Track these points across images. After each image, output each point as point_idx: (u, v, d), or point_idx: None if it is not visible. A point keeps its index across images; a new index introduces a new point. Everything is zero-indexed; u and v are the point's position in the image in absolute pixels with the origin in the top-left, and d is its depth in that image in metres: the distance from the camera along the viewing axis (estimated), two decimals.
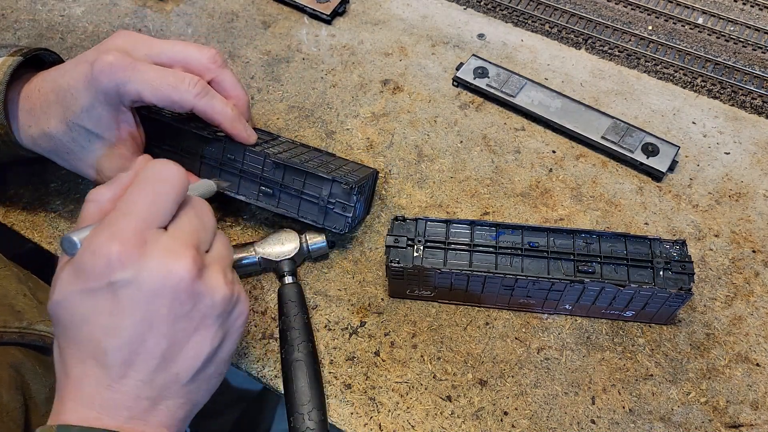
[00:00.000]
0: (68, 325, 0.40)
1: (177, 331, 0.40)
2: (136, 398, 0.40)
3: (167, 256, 0.39)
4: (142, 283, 0.38)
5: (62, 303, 0.39)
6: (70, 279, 0.39)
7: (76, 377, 0.39)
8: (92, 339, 0.39)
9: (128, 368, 0.39)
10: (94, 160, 0.54)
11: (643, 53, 0.76)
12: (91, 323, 0.39)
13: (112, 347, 0.39)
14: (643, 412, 0.53)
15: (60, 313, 0.40)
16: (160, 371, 0.40)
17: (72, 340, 0.40)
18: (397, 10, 0.81)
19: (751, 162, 0.68)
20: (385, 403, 0.54)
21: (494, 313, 0.58)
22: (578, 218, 0.64)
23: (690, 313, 0.58)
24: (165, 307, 0.39)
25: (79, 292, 0.39)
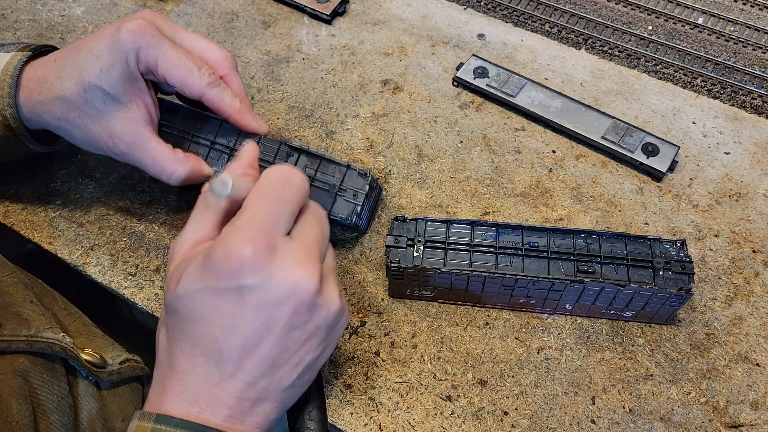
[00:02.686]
0: (186, 319, 0.40)
1: (290, 339, 0.41)
2: (239, 399, 0.41)
3: (296, 266, 0.40)
4: (270, 290, 0.39)
5: (185, 298, 0.40)
6: (198, 275, 0.40)
7: (184, 371, 0.40)
8: (209, 337, 0.40)
9: (238, 370, 0.40)
10: (107, 123, 0.54)
11: (643, 53, 0.76)
12: (212, 322, 0.40)
13: (228, 347, 0.40)
14: (643, 412, 0.53)
15: (180, 307, 0.40)
16: (266, 376, 0.41)
17: (187, 334, 0.40)
18: (397, 10, 0.81)
19: (751, 162, 0.68)
20: (385, 403, 0.54)
21: (494, 313, 0.58)
22: (578, 218, 0.64)
23: (690, 313, 0.58)
24: (286, 316, 0.40)
25: (205, 290, 0.39)
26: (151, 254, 0.62)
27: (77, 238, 0.62)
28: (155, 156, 0.55)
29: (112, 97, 0.53)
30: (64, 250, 0.62)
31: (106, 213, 0.64)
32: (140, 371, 0.59)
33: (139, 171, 0.67)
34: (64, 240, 0.62)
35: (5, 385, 0.46)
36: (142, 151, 0.55)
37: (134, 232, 0.63)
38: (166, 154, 0.55)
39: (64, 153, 0.68)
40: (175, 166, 0.55)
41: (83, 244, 0.62)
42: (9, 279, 0.54)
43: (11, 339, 0.49)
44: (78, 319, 0.59)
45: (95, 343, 0.58)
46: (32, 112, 0.55)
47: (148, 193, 0.66)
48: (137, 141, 0.54)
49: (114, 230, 0.63)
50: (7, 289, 0.53)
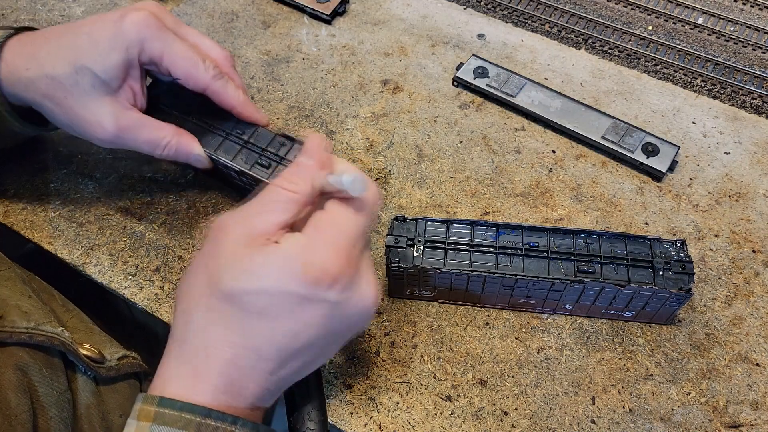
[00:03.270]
0: (250, 315, 0.39)
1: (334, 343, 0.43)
2: (269, 390, 0.41)
3: (369, 287, 0.41)
4: (345, 307, 0.40)
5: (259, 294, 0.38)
6: (281, 277, 0.38)
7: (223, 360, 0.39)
8: (270, 337, 0.39)
9: (281, 368, 0.41)
10: (93, 107, 0.53)
11: (643, 53, 0.76)
12: (281, 325, 0.39)
13: (284, 349, 0.40)
14: (643, 412, 0.53)
15: (247, 302, 0.39)
16: (296, 374, 0.42)
17: (244, 328, 0.39)
18: (397, 10, 0.81)
19: (751, 162, 0.68)
20: (385, 403, 0.54)
21: (494, 313, 0.58)
22: (578, 218, 0.64)
23: (690, 313, 0.58)
24: (347, 328, 0.42)
25: (286, 294, 0.38)
26: (151, 254, 0.62)
27: (77, 238, 0.62)
28: (150, 132, 0.55)
29: (102, 81, 0.52)
30: (64, 250, 0.62)
31: (106, 213, 0.64)
32: (138, 368, 0.59)
33: (139, 171, 0.67)
34: (64, 240, 0.62)
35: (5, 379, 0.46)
36: (136, 131, 0.55)
37: (134, 232, 0.63)
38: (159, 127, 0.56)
39: (64, 153, 0.68)
40: (170, 136, 0.56)
41: (83, 244, 0.62)
42: (6, 273, 0.54)
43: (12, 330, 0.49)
44: (76, 315, 0.59)
45: (93, 339, 0.58)
46: (16, 86, 0.54)
47: (148, 193, 0.66)
48: (127, 123, 0.54)
49: (114, 230, 0.63)
50: (5, 283, 0.53)
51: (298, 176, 0.42)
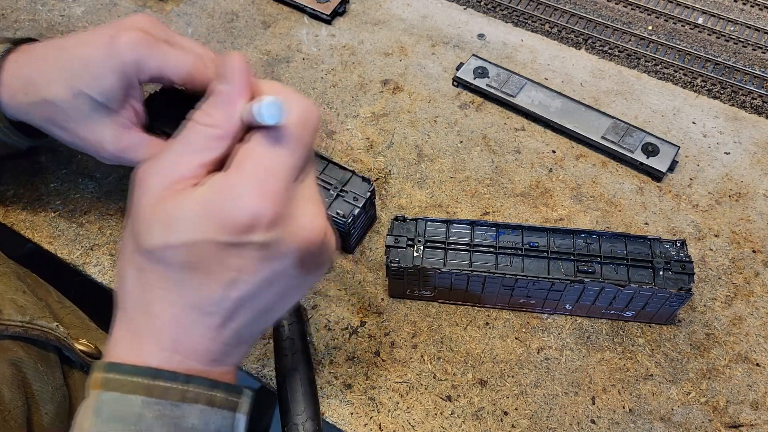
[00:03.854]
0: (178, 269, 0.36)
1: (287, 288, 0.39)
2: (223, 345, 0.39)
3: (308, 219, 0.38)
4: (280, 245, 0.37)
5: (181, 248, 0.36)
6: (199, 225, 0.36)
7: (166, 321, 0.37)
8: (205, 289, 0.37)
9: (229, 321, 0.38)
10: (95, 128, 0.53)
11: (643, 53, 0.76)
12: (212, 275, 0.36)
13: (225, 299, 0.37)
14: (643, 412, 0.53)
15: (173, 257, 0.36)
16: (253, 324, 0.40)
17: (176, 284, 0.37)
18: (397, 10, 0.81)
19: (751, 162, 0.68)
20: (385, 403, 0.54)
21: (494, 313, 0.58)
22: (578, 218, 0.64)
23: (690, 313, 0.58)
24: (291, 269, 0.38)
25: (209, 243, 0.36)
26: None
27: (77, 238, 0.62)
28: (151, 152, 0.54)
29: (101, 105, 0.52)
30: (64, 250, 0.62)
31: (106, 213, 0.64)
32: None
33: None
34: (64, 240, 0.62)
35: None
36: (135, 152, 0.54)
37: None
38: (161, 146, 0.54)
39: (64, 153, 0.68)
40: None
41: (83, 244, 0.62)
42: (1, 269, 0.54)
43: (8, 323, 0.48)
44: (72, 312, 0.59)
45: (90, 335, 0.58)
46: (17, 110, 0.54)
47: None
48: (127, 144, 0.54)
49: (114, 230, 0.63)
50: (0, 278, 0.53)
51: (216, 108, 0.38)
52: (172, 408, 0.36)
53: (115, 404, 0.35)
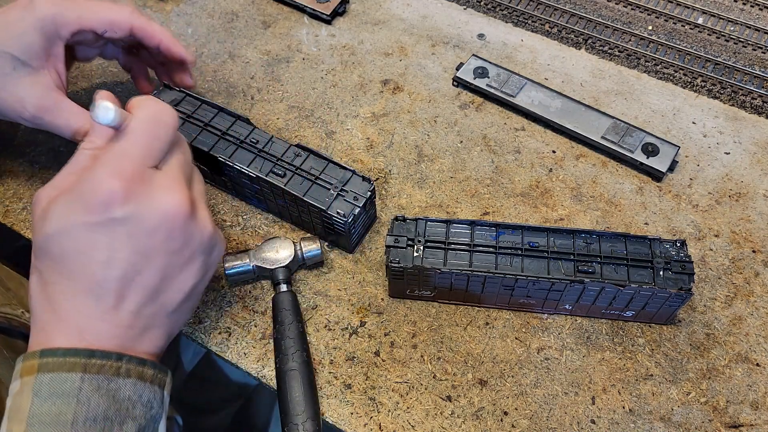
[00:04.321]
0: (61, 258, 0.40)
1: (169, 265, 0.43)
2: (127, 328, 0.42)
3: (166, 194, 0.42)
4: (142, 219, 0.41)
5: (57, 236, 0.40)
6: (68, 212, 0.40)
7: (66, 311, 0.41)
8: (87, 272, 0.40)
9: (121, 300, 0.42)
10: (15, 87, 0.54)
11: (643, 53, 0.76)
12: (88, 256, 0.40)
13: (107, 279, 0.41)
14: (643, 412, 0.53)
15: (53, 246, 0.40)
16: (150, 303, 0.43)
17: (63, 273, 0.41)
18: (397, 10, 0.81)
19: (751, 162, 0.68)
20: (385, 403, 0.54)
21: (494, 313, 0.58)
22: (578, 218, 0.64)
23: (690, 313, 0.58)
24: (161, 242, 0.42)
25: (77, 226, 0.40)
26: None
27: None
28: (68, 116, 0.55)
29: (22, 63, 0.53)
30: None
31: None
32: None
33: None
34: None
35: None
36: (54, 113, 0.55)
37: None
38: (80, 114, 0.56)
39: (64, 153, 0.68)
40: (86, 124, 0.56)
41: None
42: None
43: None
44: None
45: None
46: None
47: None
48: (48, 104, 0.55)
49: None
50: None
51: (97, 136, 0.44)
52: (108, 382, 0.40)
53: (53, 383, 0.39)
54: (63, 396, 0.39)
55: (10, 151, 0.68)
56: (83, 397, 0.39)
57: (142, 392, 0.42)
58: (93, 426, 0.39)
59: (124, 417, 0.41)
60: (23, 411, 0.39)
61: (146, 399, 0.42)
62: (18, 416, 0.39)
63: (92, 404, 0.39)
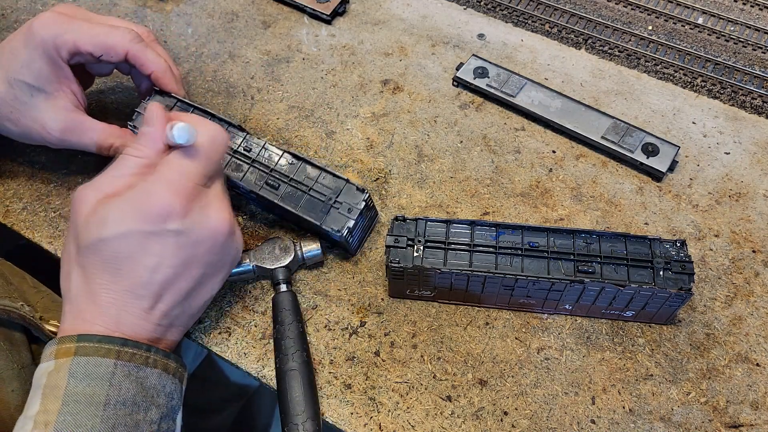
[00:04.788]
0: (113, 260, 0.44)
1: (204, 275, 0.48)
2: (156, 325, 0.47)
3: (215, 213, 0.47)
4: (193, 233, 0.46)
5: (113, 240, 0.44)
6: (125, 220, 0.44)
7: (105, 303, 0.45)
8: (134, 274, 0.45)
9: (158, 302, 0.46)
10: (37, 114, 0.56)
11: (643, 53, 0.76)
12: (138, 261, 0.45)
13: (151, 283, 0.45)
14: (643, 412, 0.53)
15: (105, 249, 0.44)
16: (179, 306, 0.48)
17: (112, 272, 0.45)
18: (397, 10, 0.81)
19: (751, 162, 0.68)
20: (385, 403, 0.54)
21: (494, 313, 0.58)
22: (578, 218, 0.64)
23: (690, 313, 0.58)
24: (203, 255, 0.47)
25: (133, 233, 0.44)
26: None
27: None
28: (92, 134, 0.58)
29: (37, 89, 0.55)
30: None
31: None
32: None
33: None
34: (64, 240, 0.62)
35: None
36: (78, 132, 0.58)
37: None
38: (104, 130, 0.58)
39: (64, 153, 0.68)
40: (114, 139, 0.58)
41: None
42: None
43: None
44: (48, 296, 0.60)
45: None
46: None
47: None
48: (70, 125, 0.57)
49: None
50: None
51: (144, 144, 0.48)
52: (138, 370, 0.44)
53: (89, 366, 0.43)
54: (97, 379, 0.42)
55: (10, 151, 0.68)
56: (115, 381, 0.43)
57: (165, 383, 0.46)
58: (122, 409, 0.42)
59: (149, 404, 0.44)
60: (59, 389, 0.42)
61: (169, 390, 0.46)
62: (54, 393, 0.42)
63: (123, 389, 0.43)
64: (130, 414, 0.43)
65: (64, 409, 0.41)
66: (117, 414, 0.42)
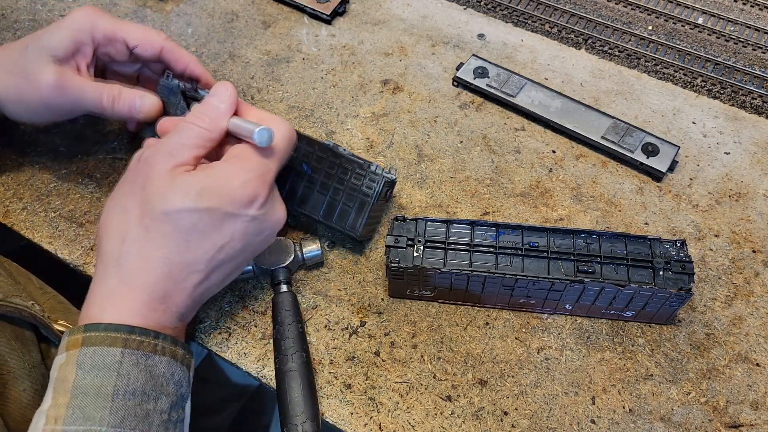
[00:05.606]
0: (186, 231, 0.45)
1: (248, 256, 0.50)
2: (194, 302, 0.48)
3: (280, 206, 0.51)
4: (263, 222, 0.49)
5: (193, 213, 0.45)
6: (212, 198, 0.45)
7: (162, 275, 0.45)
8: (199, 251, 0.46)
9: (207, 279, 0.48)
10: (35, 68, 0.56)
11: (643, 53, 0.76)
12: (209, 237, 0.46)
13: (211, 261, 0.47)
14: (643, 412, 0.53)
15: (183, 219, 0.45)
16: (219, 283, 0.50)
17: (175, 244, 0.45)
18: (397, 10, 0.81)
19: (751, 162, 0.68)
20: (385, 403, 0.54)
21: (494, 313, 0.58)
22: (578, 218, 0.64)
23: (690, 313, 0.58)
24: (259, 244, 0.50)
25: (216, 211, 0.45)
26: None
27: (77, 238, 0.62)
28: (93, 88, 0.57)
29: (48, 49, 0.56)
30: (64, 250, 0.62)
31: None
32: None
33: None
34: (64, 240, 0.62)
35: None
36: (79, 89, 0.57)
37: None
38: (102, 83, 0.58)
39: (64, 153, 0.68)
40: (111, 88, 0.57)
41: (83, 244, 0.62)
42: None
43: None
44: (53, 297, 0.60)
45: (71, 318, 0.58)
46: None
47: None
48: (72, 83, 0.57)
49: None
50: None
51: (208, 115, 0.49)
52: (146, 358, 0.44)
53: (96, 356, 0.42)
54: (104, 369, 0.42)
55: (10, 151, 0.68)
56: (123, 371, 0.42)
57: (174, 371, 0.45)
58: (132, 399, 0.42)
59: (159, 393, 0.44)
60: (68, 382, 0.41)
61: (177, 378, 0.45)
62: (63, 387, 0.42)
63: (131, 378, 0.42)
64: (140, 404, 0.42)
65: (73, 402, 0.41)
66: (126, 405, 0.42)
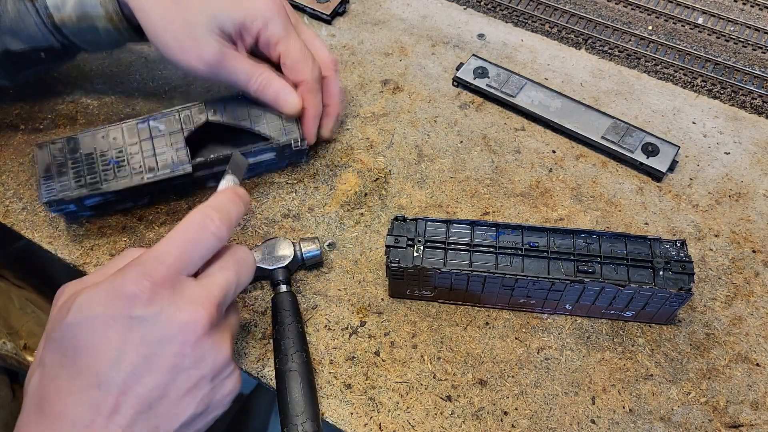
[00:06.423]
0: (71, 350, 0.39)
1: (170, 384, 0.40)
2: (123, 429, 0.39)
3: (189, 305, 0.40)
4: (158, 325, 0.39)
5: (74, 326, 0.39)
6: (90, 304, 0.39)
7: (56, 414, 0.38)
8: (91, 370, 0.38)
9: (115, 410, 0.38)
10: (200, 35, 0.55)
11: (643, 53, 0.76)
12: (97, 352, 0.38)
13: (108, 382, 0.38)
14: (643, 412, 0.53)
15: (67, 336, 0.39)
16: (143, 421, 0.39)
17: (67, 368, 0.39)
18: (397, 10, 0.81)
19: (751, 162, 0.68)
20: (385, 403, 0.54)
21: (494, 313, 0.58)
22: (578, 218, 0.64)
23: (690, 313, 0.58)
24: (170, 355, 0.39)
25: (97, 317, 0.38)
26: None
27: (77, 238, 0.62)
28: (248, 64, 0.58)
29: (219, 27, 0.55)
30: (64, 250, 0.62)
31: (106, 213, 0.64)
32: None
33: None
34: (64, 240, 0.62)
35: None
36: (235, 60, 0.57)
37: (134, 232, 0.63)
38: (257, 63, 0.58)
39: None
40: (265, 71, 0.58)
41: (83, 244, 0.62)
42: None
43: None
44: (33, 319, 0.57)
45: None
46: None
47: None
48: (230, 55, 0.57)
49: (114, 230, 0.63)
50: None
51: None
52: None
53: None
54: None
55: (10, 151, 0.68)
56: None
57: None
58: None
59: None
60: None
61: None
62: None
63: None
64: None
65: None
66: None
